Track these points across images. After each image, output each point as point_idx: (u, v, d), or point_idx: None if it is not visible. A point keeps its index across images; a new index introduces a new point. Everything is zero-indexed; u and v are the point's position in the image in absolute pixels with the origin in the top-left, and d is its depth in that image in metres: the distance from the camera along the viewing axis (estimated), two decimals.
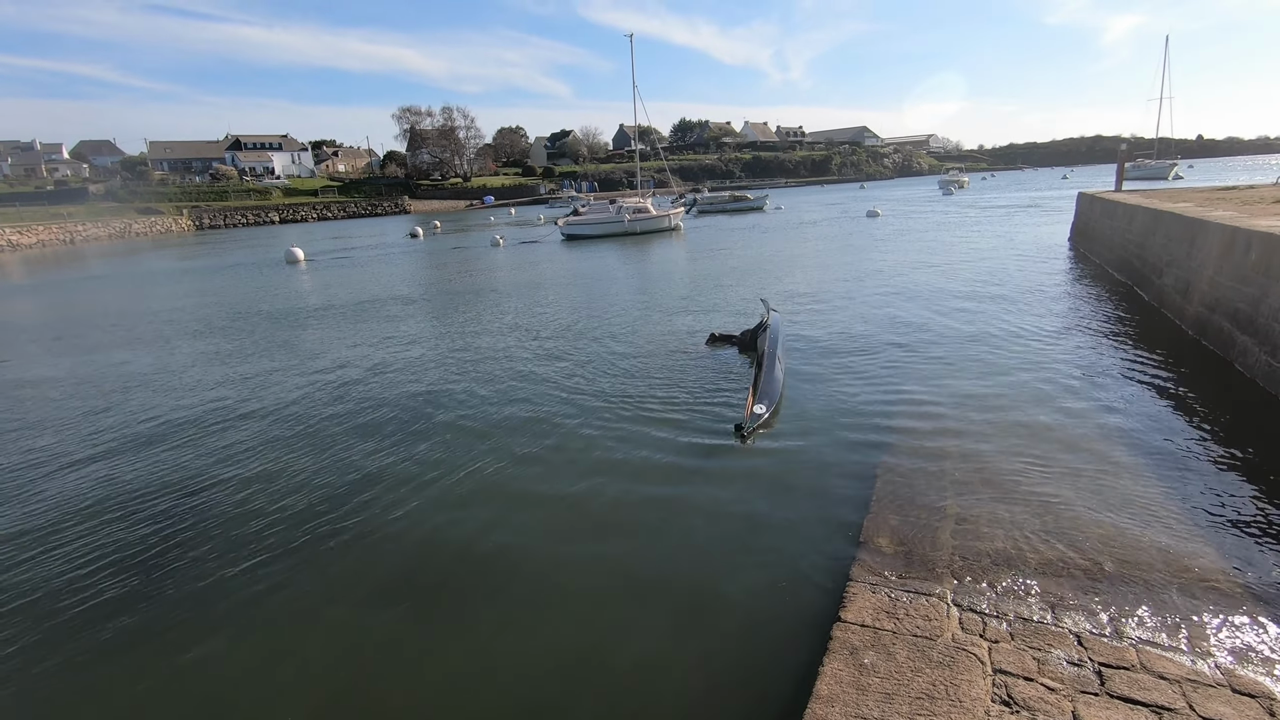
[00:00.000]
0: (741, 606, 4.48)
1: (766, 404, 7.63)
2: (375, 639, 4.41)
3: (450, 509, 6.08)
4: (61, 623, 4.73)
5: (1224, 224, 9.18)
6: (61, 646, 4.47)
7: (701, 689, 3.84)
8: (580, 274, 22.39)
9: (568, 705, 3.78)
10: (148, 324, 17.01)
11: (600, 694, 3.86)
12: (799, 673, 3.73)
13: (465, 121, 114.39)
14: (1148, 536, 4.70)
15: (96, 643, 4.50)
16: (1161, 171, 67.63)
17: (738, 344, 10.87)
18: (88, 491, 6.89)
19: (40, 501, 6.71)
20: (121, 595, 5.02)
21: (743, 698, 3.73)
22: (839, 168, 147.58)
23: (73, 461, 7.73)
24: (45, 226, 61.27)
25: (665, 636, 4.26)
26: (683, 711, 3.70)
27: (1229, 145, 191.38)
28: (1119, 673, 3.38)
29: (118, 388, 10.79)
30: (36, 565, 5.51)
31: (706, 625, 4.33)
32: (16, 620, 4.78)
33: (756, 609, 4.44)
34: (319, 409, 9.12)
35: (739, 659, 4.02)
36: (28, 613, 4.86)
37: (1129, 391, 7.81)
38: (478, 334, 13.55)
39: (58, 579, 5.28)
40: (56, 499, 6.75)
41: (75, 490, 6.94)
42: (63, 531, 6.05)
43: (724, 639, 4.18)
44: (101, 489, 6.93)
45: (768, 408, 7.56)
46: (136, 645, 4.47)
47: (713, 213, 53.65)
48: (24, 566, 5.50)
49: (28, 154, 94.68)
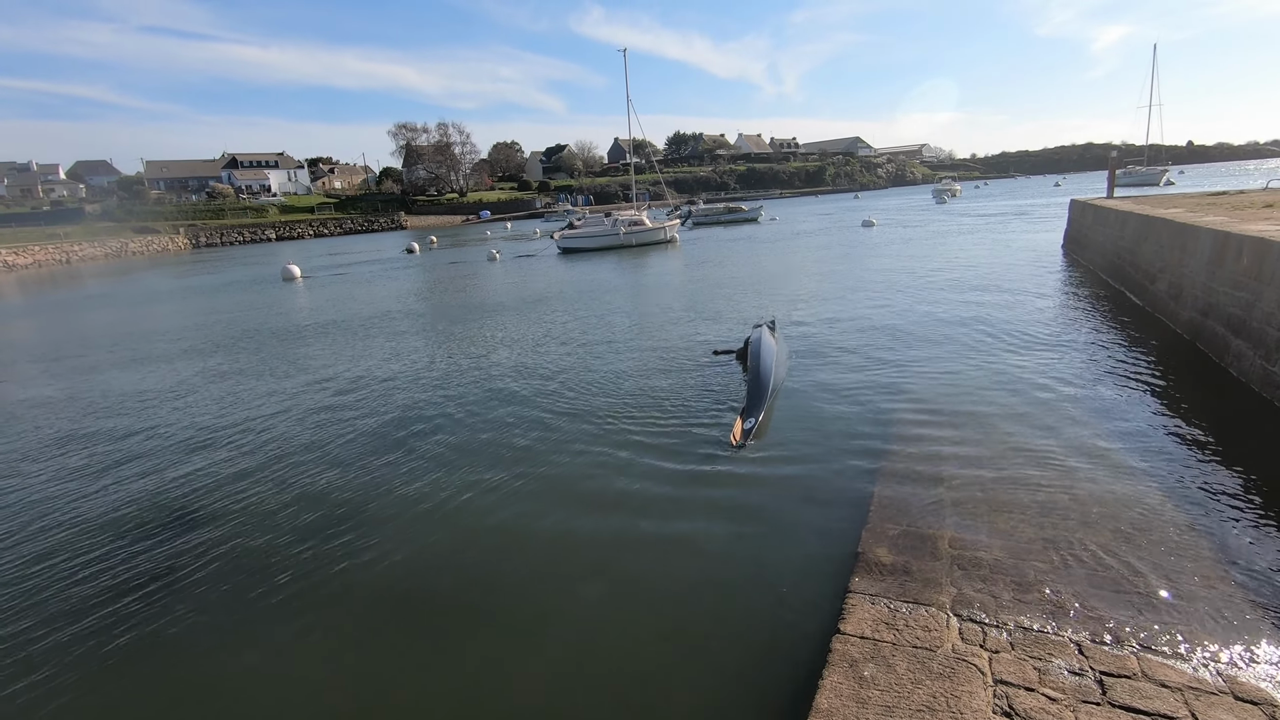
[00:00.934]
0: (740, 619, 4.45)
1: (754, 417, 7.60)
2: (376, 657, 4.37)
3: (450, 527, 6.05)
4: (62, 639, 4.67)
5: (1215, 229, 9.24)
6: (63, 660, 4.43)
7: (700, 703, 3.80)
8: (577, 288, 22.42)
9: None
10: (146, 343, 16.97)
11: (598, 710, 3.82)
12: (798, 686, 3.69)
13: (461, 137, 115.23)
14: (1147, 543, 4.68)
15: (95, 659, 4.45)
16: (1153, 178, 68.13)
17: (738, 356, 10.88)
18: (90, 509, 6.84)
19: (44, 518, 6.66)
20: (119, 614, 4.97)
21: (742, 712, 3.70)
22: (833, 178, 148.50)
23: (76, 479, 7.68)
24: (41, 247, 61.31)
25: (663, 650, 4.23)
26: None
27: (1219, 151, 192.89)
28: (1121, 681, 3.36)
29: (116, 407, 10.75)
30: (38, 580, 5.45)
31: (704, 638, 4.30)
32: (20, 632, 4.73)
33: (755, 622, 4.41)
34: (316, 428, 9.08)
35: (738, 672, 3.98)
36: (27, 627, 4.81)
37: (1125, 398, 7.82)
38: (477, 350, 13.54)
39: (58, 595, 5.23)
40: (57, 516, 6.69)
41: (77, 508, 6.88)
42: (64, 548, 5.99)
43: (722, 652, 4.15)
44: (102, 506, 6.88)
45: (756, 419, 7.54)
46: (132, 661, 4.42)
47: (708, 224, 53.86)
48: (25, 581, 5.44)
49: (24, 175, 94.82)
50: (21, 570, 5.75)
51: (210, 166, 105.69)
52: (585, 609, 4.75)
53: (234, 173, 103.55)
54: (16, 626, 4.93)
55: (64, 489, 7.49)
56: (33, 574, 5.67)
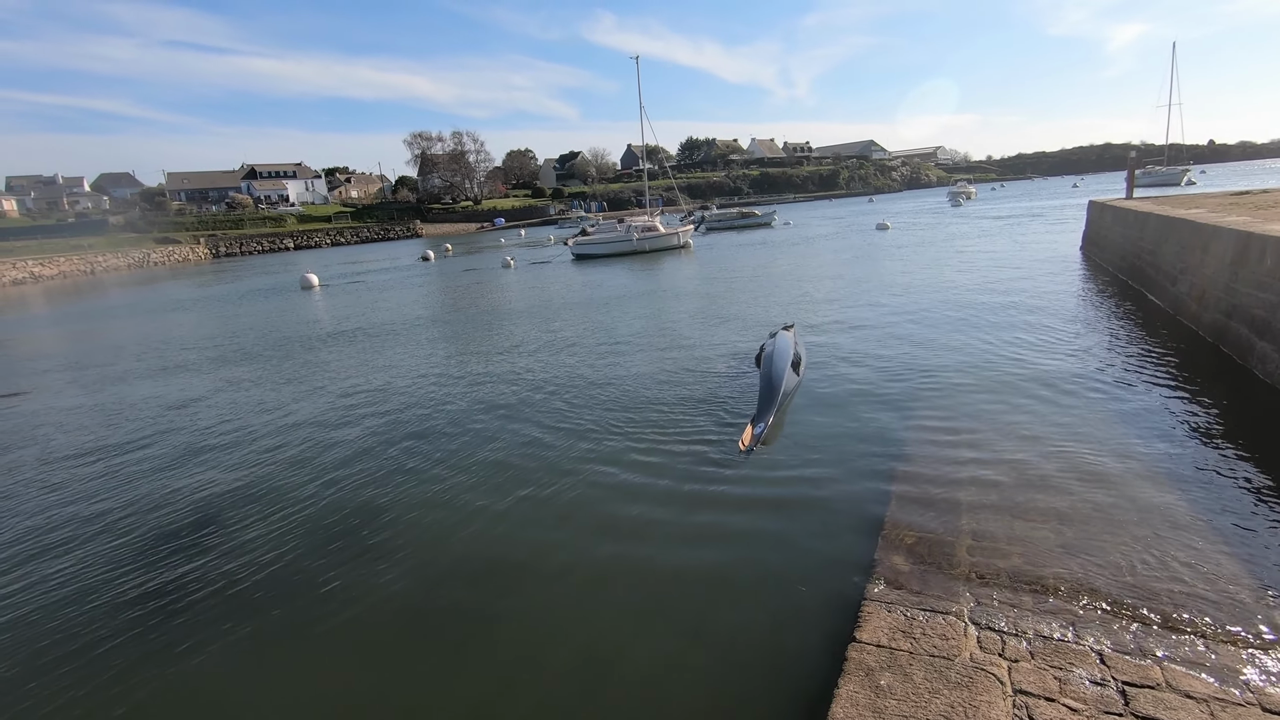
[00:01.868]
0: (754, 626, 4.42)
1: (763, 422, 7.55)
2: (388, 670, 4.39)
3: (462, 537, 6.07)
4: (72, 648, 4.75)
5: (1238, 229, 9.08)
6: (74, 671, 4.50)
7: (714, 713, 3.77)
8: (593, 294, 22.47)
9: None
10: (173, 352, 17.24)
11: (610, 718, 3.81)
12: (814, 694, 3.66)
13: (475, 145, 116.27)
14: (1171, 550, 4.60)
15: (105, 670, 4.52)
16: (1174, 177, 67.08)
17: (756, 361, 10.88)
18: (103, 520, 6.95)
19: (63, 520, 6.79)
20: (129, 623, 5.05)
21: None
22: (847, 181, 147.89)
23: (96, 482, 7.82)
24: (67, 258, 62.51)
25: (676, 658, 4.20)
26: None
27: (1241, 150, 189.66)
28: (1144, 692, 3.29)
29: (140, 415, 10.92)
30: (52, 583, 5.55)
31: (718, 645, 4.27)
32: (31, 635, 4.81)
33: (769, 629, 4.38)
34: (334, 433, 9.17)
35: (751, 682, 3.95)
36: (36, 629, 4.90)
37: (1147, 401, 7.69)
38: (495, 358, 13.61)
39: (72, 599, 5.32)
40: (73, 518, 6.82)
41: (92, 516, 7.01)
42: (77, 557, 6.10)
43: (736, 661, 4.12)
44: (113, 518, 7.00)
45: (764, 425, 7.49)
46: (141, 672, 4.48)
47: (721, 230, 53.81)
48: (37, 585, 5.54)
49: (50, 187, 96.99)
50: (31, 578, 5.85)
51: (230, 177, 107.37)
52: (596, 616, 4.74)
53: (253, 183, 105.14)
54: (30, 632, 5.02)
55: (83, 495, 7.63)
56: (38, 583, 5.78)
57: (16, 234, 71.77)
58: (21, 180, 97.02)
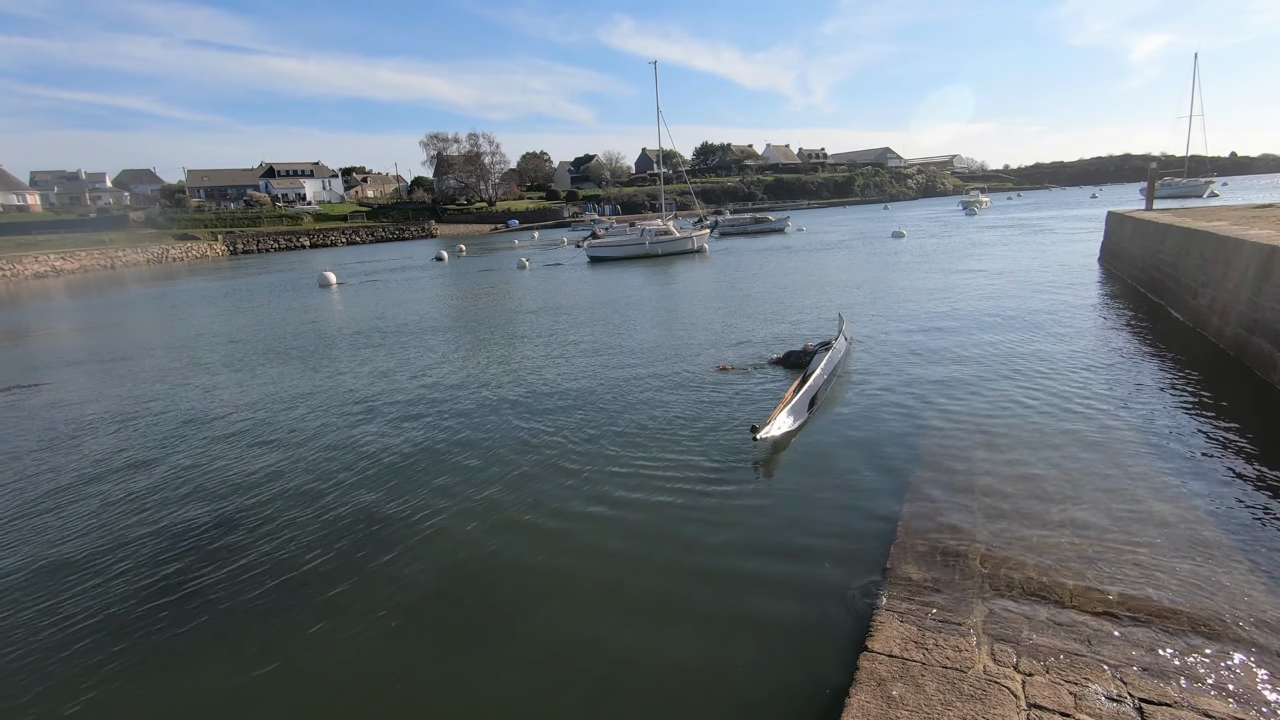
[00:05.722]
0: (765, 634, 4.39)
1: (793, 419, 7.56)
2: (408, 668, 4.41)
3: (480, 531, 6.10)
4: (95, 640, 4.81)
5: (1261, 243, 8.95)
6: (95, 662, 4.55)
7: (724, 719, 3.75)
8: (609, 297, 22.50)
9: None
10: (197, 348, 17.45)
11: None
12: (824, 704, 3.64)
13: (491, 147, 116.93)
14: (1189, 565, 4.53)
15: (123, 662, 4.58)
16: (1196, 189, 66.22)
17: (781, 363, 10.90)
18: (123, 511, 7.05)
19: (78, 519, 6.88)
20: (149, 617, 5.10)
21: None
22: (862, 189, 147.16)
23: (117, 476, 7.92)
24: (88, 252, 63.41)
25: (686, 666, 4.19)
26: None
27: (1264, 162, 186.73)
28: (1161, 709, 3.24)
29: (160, 409, 11.06)
30: (63, 584, 5.63)
31: (728, 653, 4.25)
32: (41, 637, 4.88)
33: (780, 637, 4.35)
34: (352, 431, 9.24)
35: (762, 689, 3.93)
36: (45, 632, 4.96)
37: (1167, 414, 7.59)
38: (515, 359, 13.67)
39: (81, 600, 5.38)
40: (91, 517, 6.91)
41: (113, 508, 7.10)
42: (96, 552, 6.18)
43: (747, 668, 4.10)
44: (135, 509, 7.09)
45: (794, 423, 7.49)
46: (160, 667, 4.53)
47: (734, 234, 53.98)
48: (47, 587, 5.62)
49: (73, 183, 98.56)
50: (51, 572, 5.93)
51: (249, 175, 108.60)
52: (606, 623, 4.73)
53: (271, 181, 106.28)
54: (47, 626, 5.09)
55: (107, 490, 7.73)
56: (58, 578, 5.85)
57: (39, 228, 72.96)
58: (45, 175, 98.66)
